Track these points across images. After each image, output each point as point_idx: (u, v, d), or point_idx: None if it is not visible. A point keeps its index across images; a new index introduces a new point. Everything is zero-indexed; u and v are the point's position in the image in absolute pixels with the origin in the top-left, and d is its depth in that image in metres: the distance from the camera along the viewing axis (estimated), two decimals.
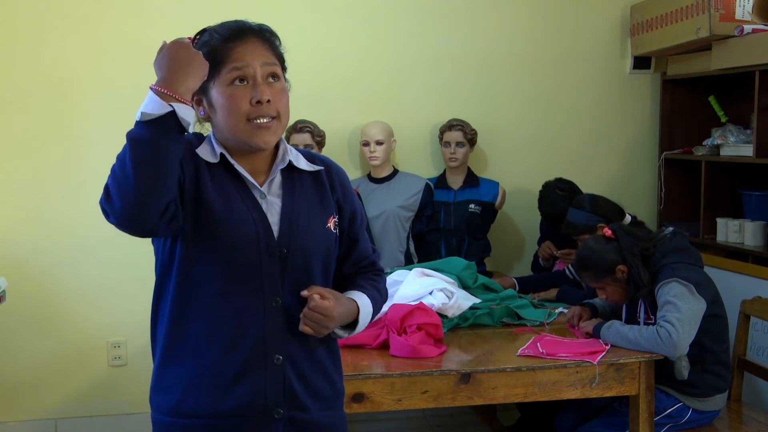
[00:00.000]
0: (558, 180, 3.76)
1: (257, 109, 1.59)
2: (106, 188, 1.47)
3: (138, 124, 1.45)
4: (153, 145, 1.44)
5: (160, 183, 1.45)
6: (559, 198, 3.65)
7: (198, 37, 1.65)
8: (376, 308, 1.78)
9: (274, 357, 1.62)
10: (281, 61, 1.67)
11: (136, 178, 1.42)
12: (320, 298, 1.60)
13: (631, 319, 2.89)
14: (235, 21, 1.66)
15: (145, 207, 1.44)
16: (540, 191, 3.78)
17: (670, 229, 2.95)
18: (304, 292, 1.61)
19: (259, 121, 1.59)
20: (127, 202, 1.43)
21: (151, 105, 1.44)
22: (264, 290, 1.61)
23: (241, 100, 1.58)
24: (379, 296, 1.80)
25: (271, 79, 1.62)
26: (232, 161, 1.64)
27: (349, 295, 1.72)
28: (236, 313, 1.60)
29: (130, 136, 1.46)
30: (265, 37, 1.65)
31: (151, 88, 1.46)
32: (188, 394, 1.61)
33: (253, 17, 1.71)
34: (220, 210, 1.58)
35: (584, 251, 2.91)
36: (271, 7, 3.93)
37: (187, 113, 1.46)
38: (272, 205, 1.65)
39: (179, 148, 1.48)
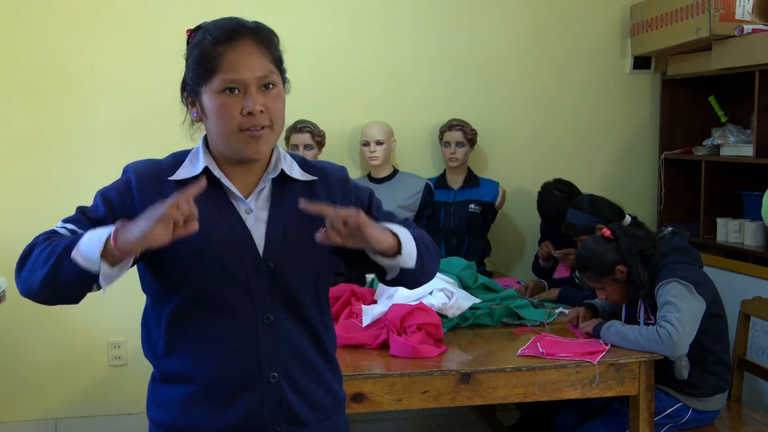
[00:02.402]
0: (557, 181, 3.76)
1: (249, 119, 1.51)
2: (20, 258, 1.54)
3: (69, 258, 1.43)
4: (67, 280, 1.47)
5: (63, 298, 1.57)
6: (557, 199, 3.65)
7: (193, 33, 1.59)
8: (420, 240, 1.62)
9: (269, 375, 1.57)
10: (279, 63, 1.58)
11: (44, 279, 1.50)
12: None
13: (631, 319, 2.89)
14: (230, 20, 1.56)
15: (45, 302, 1.59)
16: (539, 192, 3.78)
17: (670, 229, 2.95)
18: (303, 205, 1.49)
19: (251, 131, 1.52)
20: (29, 283, 1.55)
21: (89, 252, 1.41)
22: (254, 308, 1.56)
23: (233, 110, 1.50)
24: (417, 232, 1.64)
25: (264, 87, 1.53)
26: (218, 174, 1.57)
27: None
28: (228, 332, 1.55)
29: (58, 260, 1.45)
30: (261, 38, 1.55)
31: (109, 236, 1.41)
32: (184, 411, 1.58)
33: (254, 17, 1.67)
34: (200, 232, 1.48)
35: (583, 251, 2.91)
36: (271, 8, 3.93)
37: (109, 278, 1.44)
38: (259, 218, 1.59)
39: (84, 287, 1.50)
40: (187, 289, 1.55)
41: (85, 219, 1.58)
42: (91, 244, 1.42)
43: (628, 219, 3.22)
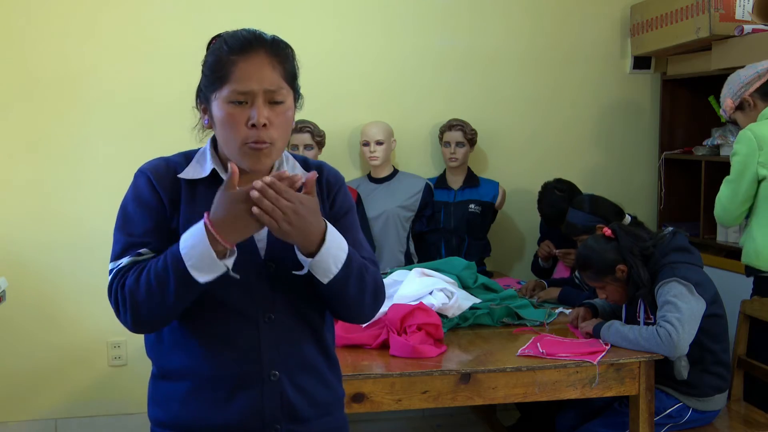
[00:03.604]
0: (557, 180, 3.76)
1: (253, 132, 1.53)
2: (131, 308, 1.53)
3: (193, 280, 1.47)
4: (200, 290, 1.51)
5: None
6: (558, 198, 3.65)
7: (213, 41, 1.61)
8: (354, 261, 1.57)
9: (270, 373, 1.59)
10: (291, 79, 1.60)
11: (173, 309, 1.52)
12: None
13: (631, 319, 2.89)
14: (248, 31, 1.57)
15: (168, 322, 1.58)
16: (539, 192, 3.79)
17: (670, 229, 2.95)
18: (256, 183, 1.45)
19: (253, 144, 1.53)
20: (156, 321, 1.56)
21: (208, 263, 1.46)
22: (255, 307, 1.58)
23: (238, 121, 1.52)
24: (360, 258, 1.61)
25: (273, 103, 1.55)
26: (225, 177, 1.57)
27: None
28: (229, 331, 1.58)
29: (181, 284, 1.48)
30: (275, 51, 1.56)
31: (210, 234, 1.45)
32: (185, 408, 1.59)
33: (253, 18, 1.67)
34: None
35: (584, 251, 2.91)
36: (272, 8, 3.93)
37: (233, 260, 1.50)
38: None
39: None
40: None
41: (133, 243, 1.58)
42: (200, 256, 1.46)
43: (628, 219, 3.22)
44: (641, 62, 4.30)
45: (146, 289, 1.49)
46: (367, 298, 1.63)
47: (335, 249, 1.53)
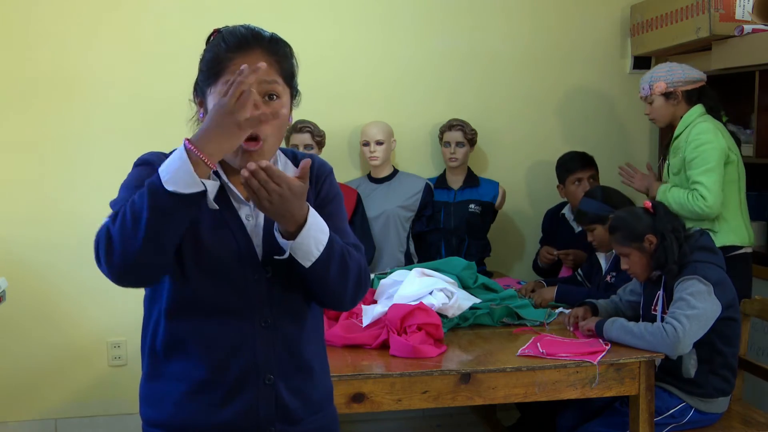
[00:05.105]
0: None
1: None
2: (105, 244, 1.44)
3: (166, 194, 1.38)
4: (175, 217, 1.41)
5: (169, 253, 1.46)
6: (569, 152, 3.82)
7: (213, 35, 1.60)
8: (336, 244, 1.54)
9: (265, 377, 1.59)
10: (289, 77, 1.58)
11: (146, 241, 1.40)
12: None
13: (647, 310, 2.88)
14: (247, 28, 1.56)
15: (150, 272, 1.48)
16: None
17: (698, 228, 2.95)
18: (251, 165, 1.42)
19: (244, 144, 1.50)
20: (131, 261, 1.43)
21: (183, 177, 1.38)
22: (252, 312, 1.57)
23: None
24: (343, 243, 1.58)
25: (267, 98, 1.53)
26: (226, 179, 1.58)
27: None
28: (225, 335, 1.57)
29: (153, 201, 1.39)
30: (273, 49, 1.55)
31: (188, 150, 1.39)
32: (180, 408, 1.59)
33: (254, 17, 1.67)
34: (202, 235, 1.53)
35: (620, 213, 2.93)
36: (272, 8, 3.93)
37: (213, 188, 1.43)
38: (259, 223, 1.60)
39: (192, 216, 1.46)
40: (186, 290, 1.56)
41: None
42: (176, 171, 1.38)
43: None
44: (641, 62, 4.30)
45: (122, 219, 1.43)
46: (350, 283, 1.59)
47: (316, 232, 1.50)
